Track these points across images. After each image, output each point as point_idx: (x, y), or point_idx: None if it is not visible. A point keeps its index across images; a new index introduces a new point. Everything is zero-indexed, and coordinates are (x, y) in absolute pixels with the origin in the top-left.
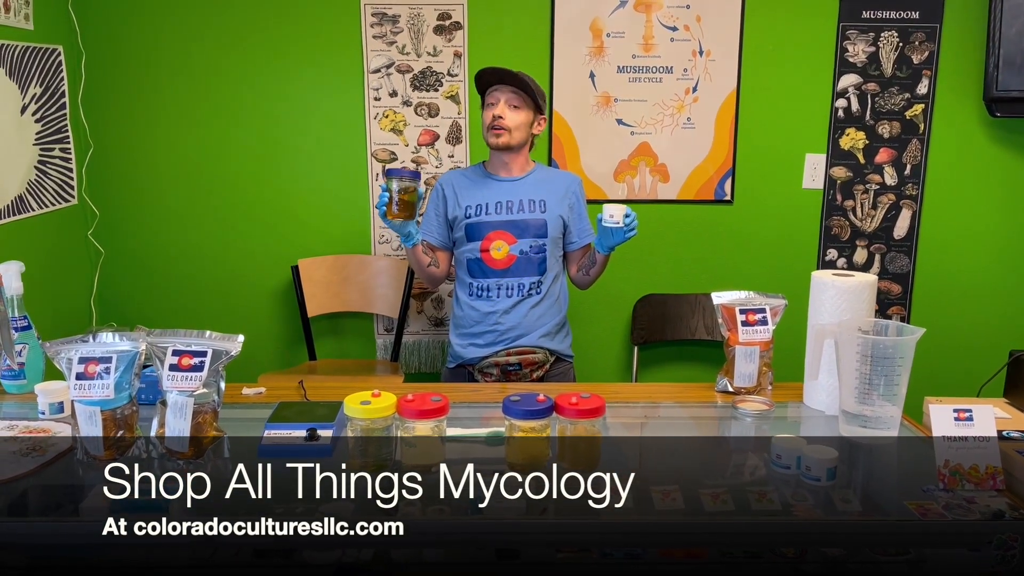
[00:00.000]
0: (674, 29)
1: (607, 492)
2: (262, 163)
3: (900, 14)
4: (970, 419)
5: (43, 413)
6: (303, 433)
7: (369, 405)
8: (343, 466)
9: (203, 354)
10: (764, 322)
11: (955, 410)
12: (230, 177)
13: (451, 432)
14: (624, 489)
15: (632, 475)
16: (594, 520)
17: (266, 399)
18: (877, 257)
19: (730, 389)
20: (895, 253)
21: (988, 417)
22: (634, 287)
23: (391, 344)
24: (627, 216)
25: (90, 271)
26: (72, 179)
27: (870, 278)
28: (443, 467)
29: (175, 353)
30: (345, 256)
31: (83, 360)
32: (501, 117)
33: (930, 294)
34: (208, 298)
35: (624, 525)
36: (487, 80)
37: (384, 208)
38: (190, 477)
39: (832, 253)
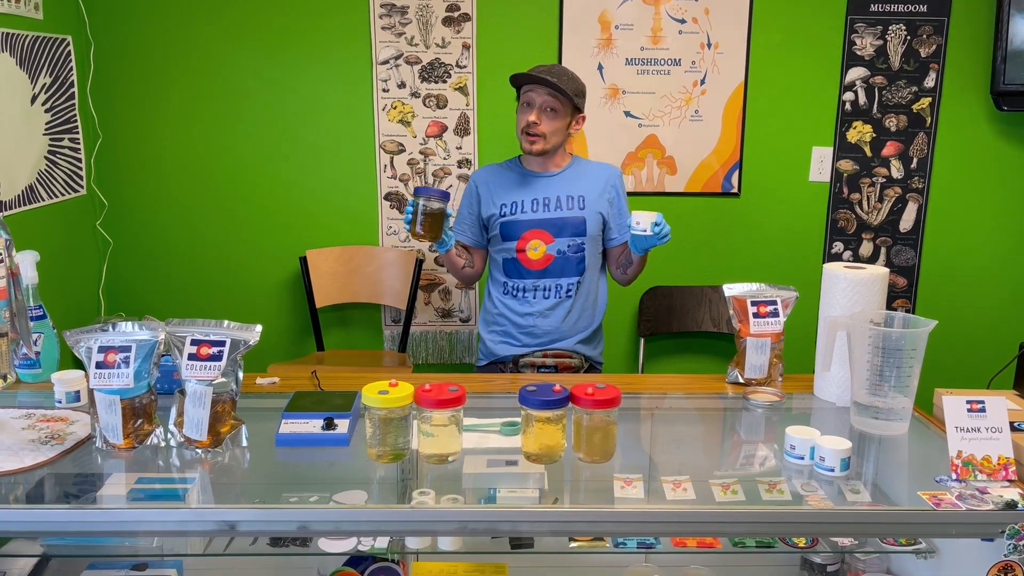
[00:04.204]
0: (682, 21)
1: (621, 483)
2: (270, 154)
3: (908, 7)
4: (983, 410)
5: (60, 402)
6: (320, 422)
7: (387, 395)
8: (360, 455)
9: (222, 343)
10: (775, 314)
11: (968, 401)
12: (238, 168)
13: (467, 422)
14: (636, 481)
15: (645, 466)
16: (607, 509)
17: (279, 389)
18: (883, 250)
19: (741, 380)
20: (901, 246)
21: (1000, 408)
22: (640, 279)
23: (399, 335)
24: (656, 225)
25: (99, 261)
26: (81, 169)
27: (882, 270)
28: (459, 457)
29: (194, 343)
30: (353, 247)
31: (103, 349)
32: (536, 123)
33: (935, 287)
34: (216, 289)
35: (637, 515)
36: (523, 80)
37: (409, 225)
38: (208, 466)
39: (838, 246)
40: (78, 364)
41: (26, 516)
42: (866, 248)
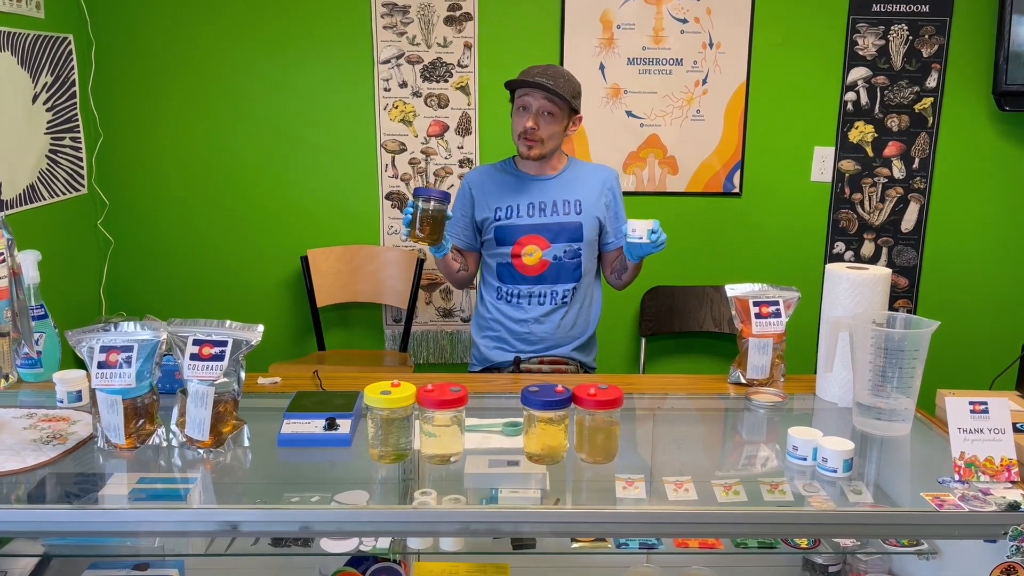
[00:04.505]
0: (684, 21)
1: (622, 483)
2: (271, 153)
3: (910, 7)
4: (985, 411)
5: (61, 401)
6: (322, 423)
7: (389, 395)
8: (362, 456)
9: (224, 343)
10: (777, 314)
11: (971, 402)
12: (239, 167)
13: (469, 422)
14: (638, 482)
15: (647, 467)
16: (609, 510)
17: (281, 389)
18: (884, 250)
19: (743, 381)
20: (902, 246)
21: (1003, 409)
22: (642, 279)
23: (400, 335)
24: (652, 232)
25: (99, 261)
26: (82, 168)
27: (884, 271)
28: (461, 457)
29: (196, 342)
30: (354, 247)
31: (105, 349)
32: (535, 129)
33: (937, 287)
34: (217, 288)
35: (639, 515)
36: (517, 85)
37: (408, 226)
38: (210, 466)
39: (840, 246)
40: (79, 363)
41: (28, 516)
42: (867, 248)
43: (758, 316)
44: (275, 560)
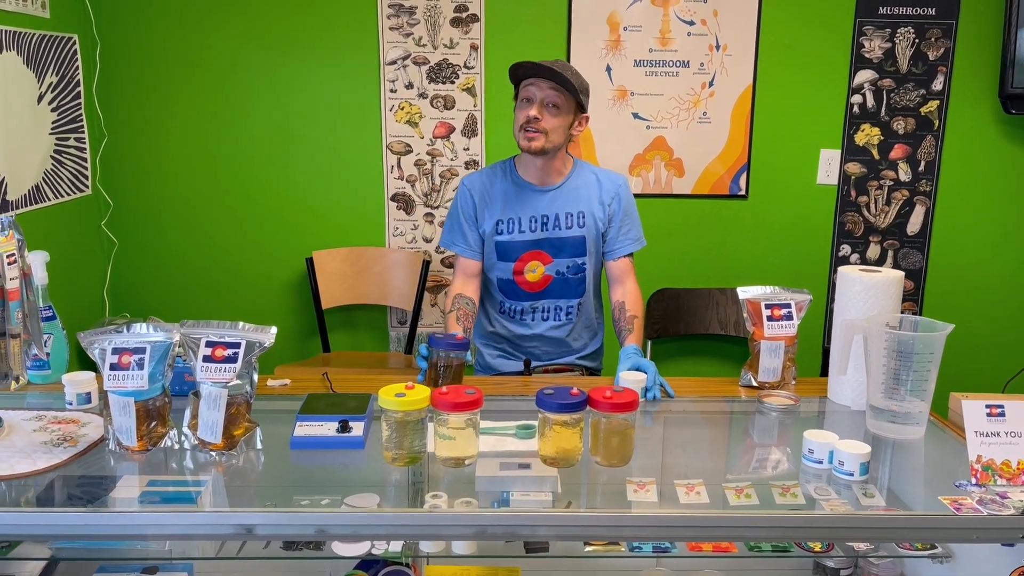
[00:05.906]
0: (691, 23)
1: (634, 487)
2: (276, 154)
3: (917, 10)
4: (1002, 415)
5: (70, 403)
6: (335, 425)
7: (403, 397)
8: (375, 458)
9: (237, 345)
10: (789, 317)
11: (987, 405)
12: (244, 168)
13: (482, 425)
14: (650, 484)
15: (658, 469)
16: (623, 514)
17: (290, 391)
18: (890, 253)
19: (754, 383)
20: (908, 249)
21: (1020, 413)
22: (648, 281)
23: (405, 337)
24: (647, 390)
25: (103, 262)
26: (86, 169)
27: (897, 274)
28: (476, 460)
29: (209, 344)
30: (359, 248)
31: (117, 351)
32: (537, 119)
33: (943, 290)
34: (222, 290)
35: (652, 519)
36: (523, 72)
37: (423, 377)
38: (222, 469)
39: (845, 249)
40: (84, 365)
41: (41, 519)
42: (873, 251)
43: (770, 319)
44: (285, 563)
